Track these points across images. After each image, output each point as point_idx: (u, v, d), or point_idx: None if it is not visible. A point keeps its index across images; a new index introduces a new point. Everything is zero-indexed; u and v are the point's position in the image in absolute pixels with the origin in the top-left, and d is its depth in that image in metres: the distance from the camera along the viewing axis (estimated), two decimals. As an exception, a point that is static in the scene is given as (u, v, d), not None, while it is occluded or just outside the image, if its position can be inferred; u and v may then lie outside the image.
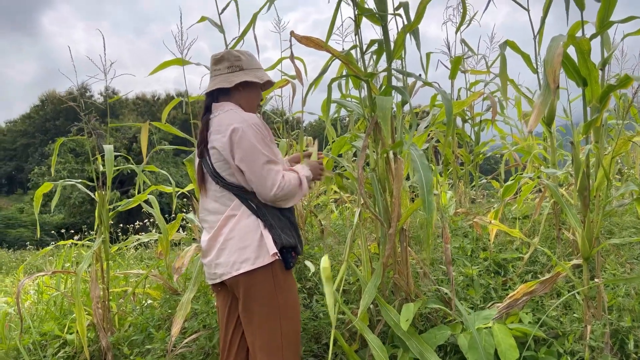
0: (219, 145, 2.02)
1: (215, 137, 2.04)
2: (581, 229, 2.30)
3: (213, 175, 2.08)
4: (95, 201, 3.19)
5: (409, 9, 2.54)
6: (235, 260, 1.98)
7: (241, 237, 2.00)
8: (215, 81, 2.17)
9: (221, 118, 2.08)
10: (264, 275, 1.99)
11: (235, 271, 1.98)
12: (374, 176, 2.66)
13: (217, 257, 2.04)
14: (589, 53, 2.14)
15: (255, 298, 1.99)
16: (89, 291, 3.35)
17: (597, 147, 2.28)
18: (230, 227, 2.03)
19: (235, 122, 2.00)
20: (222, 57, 2.19)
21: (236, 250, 1.99)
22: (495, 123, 5.01)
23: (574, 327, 2.37)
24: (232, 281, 2.02)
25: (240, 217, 2.03)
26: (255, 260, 1.97)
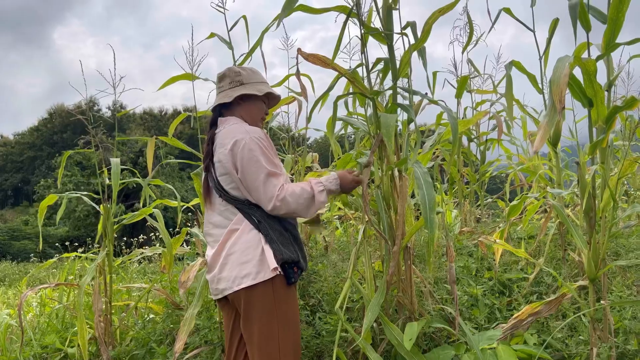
0: (223, 157, 2.05)
1: (220, 150, 2.08)
2: (587, 249, 2.28)
3: (217, 188, 2.11)
4: (100, 214, 3.20)
5: (417, 28, 2.57)
6: (237, 275, 1.98)
7: (242, 252, 2.00)
8: (218, 97, 2.25)
9: (226, 132, 2.12)
10: (264, 290, 1.98)
11: (236, 286, 1.97)
12: (379, 193, 2.66)
13: (220, 271, 2.04)
14: (594, 74, 2.15)
15: (255, 313, 1.98)
16: (91, 304, 3.34)
17: (603, 168, 2.27)
18: (233, 242, 2.03)
19: (238, 135, 2.04)
20: (224, 75, 2.28)
21: (237, 265, 1.99)
22: (501, 143, 5.01)
23: (579, 349, 2.34)
24: (234, 296, 2.02)
25: (242, 231, 2.03)
26: (256, 275, 1.96)
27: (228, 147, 2.03)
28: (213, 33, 3.41)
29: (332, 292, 3.22)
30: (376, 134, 2.74)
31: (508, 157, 4.99)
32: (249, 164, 2.01)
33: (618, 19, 2.16)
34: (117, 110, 4.13)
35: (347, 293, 2.52)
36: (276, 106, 3.68)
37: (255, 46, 3.06)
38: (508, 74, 2.95)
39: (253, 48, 3.09)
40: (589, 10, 2.31)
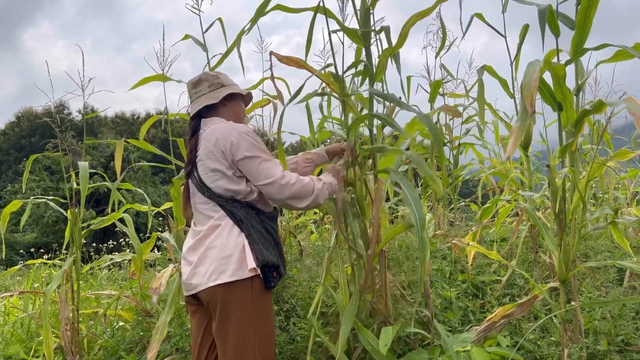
0: (210, 153, 2.03)
1: (206, 150, 2.05)
2: (558, 251, 2.31)
3: (199, 185, 2.08)
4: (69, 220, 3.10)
5: (390, 32, 2.58)
6: (214, 270, 1.93)
7: (223, 248, 1.96)
8: (200, 101, 2.20)
9: (211, 131, 2.10)
10: (243, 290, 1.94)
11: (212, 282, 1.92)
12: (350, 198, 2.65)
13: (196, 266, 1.98)
14: (564, 78, 2.19)
15: (233, 313, 1.93)
16: (57, 313, 3.23)
17: (572, 171, 2.31)
18: (214, 237, 2.00)
19: (227, 132, 2.05)
20: (200, 80, 2.25)
21: (216, 260, 1.95)
22: (474, 147, 5.07)
23: (551, 350, 2.36)
24: (208, 293, 1.95)
25: (224, 227, 2.01)
26: (234, 272, 1.93)
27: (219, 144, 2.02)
28: (187, 35, 3.36)
29: (307, 297, 3.19)
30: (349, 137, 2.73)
31: (480, 161, 5.06)
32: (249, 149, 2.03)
33: (585, 25, 2.20)
34: (87, 113, 4.02)
35: (321, 299, 2.50)
36: (250, 109, 3.65)
37: (232, 48, 3.02)
38: (480, 78, 2.98)
39: (229, 50, 3.05)
40: (557, 16, 2.35)
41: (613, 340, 2.39)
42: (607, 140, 4.48)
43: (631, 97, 1.98)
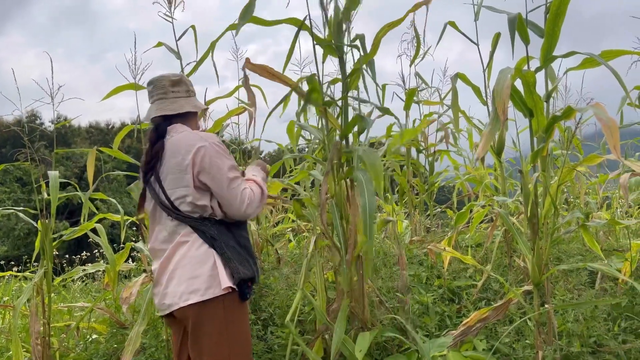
0: (178, 167, 1.94)
1: (173, 160, 1.96)
2: (531, 255, 2.35)
3: (165, 205, 1.97)
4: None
5: (366, 41, 2.61)
6: (184, 290, 1.88)
7: (192, 266, 1.90)
8: (180, 103, 2.09)
9: (178, 140, 2.00)
10: (215, 307, 1.89)
11: (183, 302, 1.87)
12: (333, 203, 2.65)
13: (166, 286, 1.94)
14: (534, 85, 2.24)
15: (204, 331, 1.89)
16: (28, 326, 3.14)
17: (544, 176, 2.36)
18: (181, 255, 1.93)
19: (198, 142, 1.95)
20: (181, 80, 2.14)
21: (185, 280, 1.89)
22: (449, 154, 5.14)
23: (526, 353, 2.39)
24: (182, 313, 1.91)
25: (192, 245, 1.94)
26: (205, 292, 1.87)
27: (188, 157, 1.92)
28: (160, 42, 3.33)
29: (284, 305, 3.17)
30: (329, 144, 2.75)
31: (455, 167, 5.12)
32: (217, 171, 1.94)
33: (554, 33, 2.26)
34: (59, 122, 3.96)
35: (299, 305, 2.49)
36: (225, 117, 3.63)
37: (205, 56, 3.00)
38: (454, 86, 3.02)
39: (202, 58, 3.04)
40: (527, 24, 2.40)
41: (586, 342, 2.44)
42: (577, 146, 4.59)
43: (598, 103, 2.03)
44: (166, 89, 2.10)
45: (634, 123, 3.19)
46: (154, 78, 2.13)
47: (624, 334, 2.51)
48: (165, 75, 2.13)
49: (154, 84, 2.12)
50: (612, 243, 3.95)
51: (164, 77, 2.12)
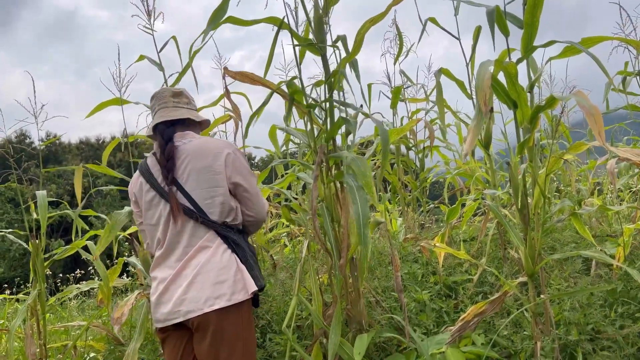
0: (208, 169, 1.97)
1: (200, 163, 1.98)
2: (524, 246, 2.35)
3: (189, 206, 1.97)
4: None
5: (347, 41, 2.60)
6: (209, 295, 1.86)
7: (217, 272, 1.90)
8: (181, 112, 2.13)
9: (201, 143, 2.04)
10: (236, 313, 1.91)
11: (208, 307, 1.85)
12: (323, 206, 2.64)
13: (185, 292, 1.89)
14: (516, 76, 2.24)
15: (225, 338, 1.88)
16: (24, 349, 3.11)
17: (532, 166, 2.36)
18: (205, 260, 1.92)
19: (226, 147, 2.04)
20: (181, 93, 2.20)
21: (210, 285, 1.88)
22: (439, 149, 5.14)
23: (525, 344, 2.39)
24: (201, 319, 1.87)
25: (216, 250, 1.95)
26: (231, 297, 1.88)
27: (221, 159, 1.99)
28: (143, 55, 3.32)
29: (282, 311, 3.16)
30: (316, 147, 2.73)
31: (446, 162, 5.13)
32: (248, 173, 2.09)
33: (533, 23, 2.26)
34: (52, 141, 3.94)
35: (295, 311, 2.47)
36: (212, 125, 3.62)
37: (187, 67, 2.99)
38: (438, 81, 3.02)
39: (185, 68, 3.03)
40: (505, 16, 2.41)
41: (583, 330, 2.43)
42: (565, 134, 4.61)
43: (580, 90, 2.04)
44: (167, 99, 2.16)
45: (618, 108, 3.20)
46: (157, 91, 2.20)
47: (621, 319, 2.51)
48: (166, 88, 2.21)
49: (156, 97, 2.19)
50: (605, 229, 3.95)
51: (165, 89, 2.19)
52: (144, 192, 2.06)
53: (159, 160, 2.03)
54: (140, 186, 2.08)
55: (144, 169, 2.08)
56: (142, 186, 2.06)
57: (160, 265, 2.02)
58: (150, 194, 2.04)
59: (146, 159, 2.13)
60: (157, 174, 2.04)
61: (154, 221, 2.04)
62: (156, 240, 2.04)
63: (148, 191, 2.04)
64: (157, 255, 2.03)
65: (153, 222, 2.05)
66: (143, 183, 2.06)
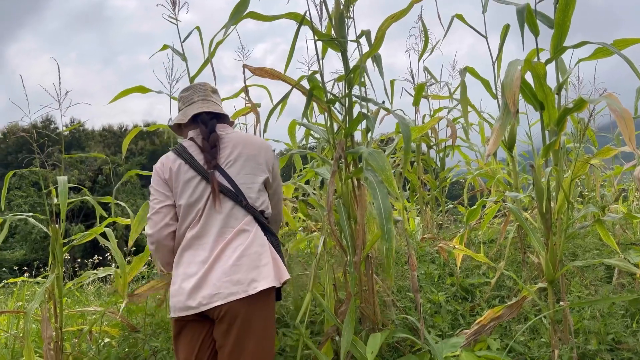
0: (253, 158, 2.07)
1: (246, 151, 2.07)
2: (545, 251, 2.29)
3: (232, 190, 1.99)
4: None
5: (370, 36, 2.56)
6: (255, 277, 1.87)
7: (259, 255, 1.93)
8: (219, 108, 2.23)
9: (246, 135, 2.19)
10: (266, 300, 1.92)
11: (252, 290, 1.85)
12: (340, 203, 2.61)
13: (231, 273, 1.86)
14: (544, 77, 2.17)
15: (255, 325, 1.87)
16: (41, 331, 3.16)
17: (557, 170, 2.30)
18: (248, 243, 1.93)
19: (267, 144, 2.18)
20: (216, 90, 2.29)
21: (254, 268, 1.89)
22: (460, 149, 5.07)
23: (541, 352, 2.34)
24: (230, 307, 1.84)
25: (255, 234, 1.97)
26: (273, 280, 1.90)
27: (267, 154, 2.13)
28: (166, 45, 3.32)
29: (295, 305, 3.15)
30: (334, 143, 2.71)
31: (467, 162, 5.05)
32: (278, 172, 2.24)
33: (564, 24, 2.20)
34: (77, 126, 3.99)
35: (308, 306, 2.46)
36: (233, 117, 3.62)
37: (210, 57, 2.99)
38: (462, 79, 2.97)
39: (207, 59, 3.03)
40: (536, 15, 2.34)
41: (603, 339, 2.37)
42: (592, 138, 4.49)
43: (611, 93, 1.97)
44: (207, 92, 2.24)
45: (649, 113, 3.10)
46: (193, 84, 2.28)
47: (643, 331, 2.44)
48: (206, 82, 2.29)
49: (193, 88, 2.24)
50: (629, 237, 3.85)
51: (205, 83, 2.28)
52: (182, 172, 2.03)
53: (202, 146, 2.06)
54: (178, 166, 2.05)
55: (182, 151, 2.08)
56: (181, 166, 2.04)
57: (194, 246, 1.98)
58: (189, 173, 2.03)
59: (180, 143, 2.14)
60: (199, 157, 2.05)
61: (192, 200, 2.00)
62: (189, 219, 2.01)
63: (187, 171, 2.03)
64: (189, 236, 1.99)
65: (190, 202, 2.01)
66: (182, 164, 2.04)
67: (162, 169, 2.10)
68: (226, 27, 2.29)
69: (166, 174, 2.08)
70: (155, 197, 2.08)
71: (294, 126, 3.72)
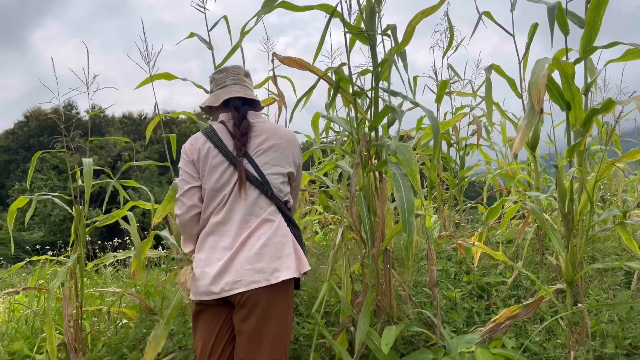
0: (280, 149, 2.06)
1: (274, 141, 2.06)
2: (565, 253, 2.28)
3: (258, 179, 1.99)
4: (76, 218, 3.10)
5: (397, 31, 2.56)
6: (277, 267, 1.89)
7: (283, 245, 1.94)
8: (250, 92, 2.18)
9: (275, 125, 2.16)
10: (288, 292, 1.95)
11: (275, 279, 1.87)
12: (361, 195, 2.62)
13: (254, 262, 1.88)
14: (572, 77, 2.15)
15: (273, 313, 1.89)
16: (61, 309, 3.23)
17: (581, 171, 2.28)
18: (272, 232, 1.94)
19: (294, 135, 2.17)
20: (248, 74, 2.25)
21: (277, 258, 1.91)
22: (481, 148, 5.03)
23: (557, 352, 2.33)
24: (252, 294, 1.86)
25: (279, 224, 1.99)
26: (294, 270, 1.92)
27: (294, 147, 2.13)
28: (193, 33, 3.35)
29: (310, 296, 3.18)
30: (358, 135, 2.72)
31: (487, 162, 5.02)
32: (301, 166, 2.25)
33: (595, 23, 2.17)
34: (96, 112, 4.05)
35: (325, 296, 2.48)
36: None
37: (236, 46, 3.01)
38: (488, 77, 2.95)
39: (234, 48, 3.05)
40: (567, 14, 2.32)
41: (620, 344, 2.36)
42: (615, 141, 4.43)
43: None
44: (241, 77, 2.19)
45: (677, 118, 3.06)
46: (227, 66, 2.21)
47: (661, 337, 2.42)
48: (239, 65, 2.24)
49: (227, 71, 2.19)
50: (650, 243, 3.80)
51: (239, 66, 2.22)
52: (211, 156, 2.03)
53: (232, 132, 2.04)
54: (207, 150, 2.03)
55: (211, 134, 2.06)
56: (210, 150, 2.03)
57: (218, 232, 1.99)
58: (218, 158, 2.02)
59: (210, 125, 2.12)
60: (228, 142, 2.04)
61: (218, 186, 2.01)
62: (214, 204, 2.02)
63: (216, 156, 2.02)
64: (214, 221, 2.00)
65: (216, 187, 2.01)
66: (211, 148, 2.03)
67: (190, 149, 2.09)
68: (258, 15, 2.31)
69: (194, 155, 2.06)
70: (182, 178, 2.09)
71: (317, 118, 3.73)
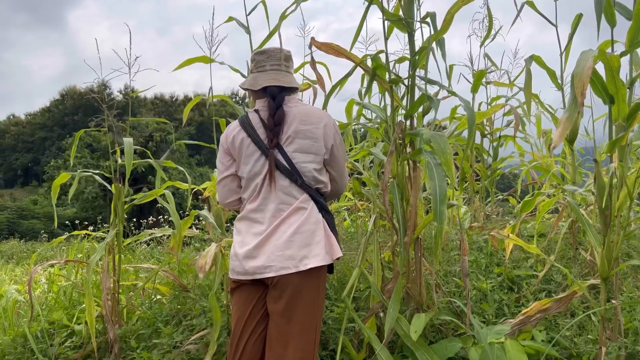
0: (310, 135, 2.04)
1: (304, 127, 2.04)
2: (601, 248, 2.25)
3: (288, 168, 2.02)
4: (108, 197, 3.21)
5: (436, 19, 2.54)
6: (306, 254, 1.93)
7: (313, 232, 1.98)
8: (291, 78, 2.17)
9: (307, 110, 2.11)
10: (317, 276, 1.98)
11: (303, 266, 1.92)
12: (394, 183, 2.64)
13: (281, 249, 1.94)
14: (617, 70, 2.11)
15: (304, 299, 1.94)
16: (99, 283, 3.36)
17: (621, 166, 2.24)
18: (303, 220, 1.98)
19: (330, 118, 2.14)
20: (289, 57, 2.21)
21: (307, 245, 1.95)
22: (515, 140, 4.96)
23: (588, 348, 2.32)
24: (282, 277, 1.93)
25: (311, 212, 2.01)
26: (324, 257, 1.96)
27: (327, 129, 2.08)
28: (231, 17, 3.39)
29: (339, 282, 3.22)
30: (394, 123, 2.73)
31: (521, 154, 4.94)
32: (342, 146, 2.19)
33: (644, 15, 2.12)
34: (129, 93, 4.14)
35: (355, 281, 2.52)
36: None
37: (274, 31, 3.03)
38: (528, 68, 2.90)
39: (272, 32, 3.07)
40: (614, 5, 2.27)
41: (654, 342, 2.33)
42: (657, 137, 4.30)
43: (690, 90, 1.90)
44: (281, 62, 2.16)
45: None
46: (268, 48, 2.18)
47: (697, 337, 2.38)
48: (280, 48, 2.18)
49: (268, 53, 2.16)
50: (689, 242, 3.71)
51: (279, 49, 2.18)
52: (245, 146, 2.08)
53: (267, 122, 2.06)
54: (242, 140, 2.09)
55: (246, 124, 2.10)
56: (244, 140, 2.08)
57: (252, 219, 2.06)
58: (251, 148, 2.07)
59: (246, 114, 2.15)
60: (261, 132, 2.07)
61: (251, 174, 2.07)
62: (249, 192, 2.09)
63: (249, 145, 2.07)
64: (249, 208, 2.07)
65: (250, 176, 2.08)
66: (245, 137, 2.08)
67: (225, 140, 2.17)
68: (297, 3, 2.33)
69: (229, 144, 2.15)
70: (218, 167, 2.22)
71: (352, 105, 3.74)
